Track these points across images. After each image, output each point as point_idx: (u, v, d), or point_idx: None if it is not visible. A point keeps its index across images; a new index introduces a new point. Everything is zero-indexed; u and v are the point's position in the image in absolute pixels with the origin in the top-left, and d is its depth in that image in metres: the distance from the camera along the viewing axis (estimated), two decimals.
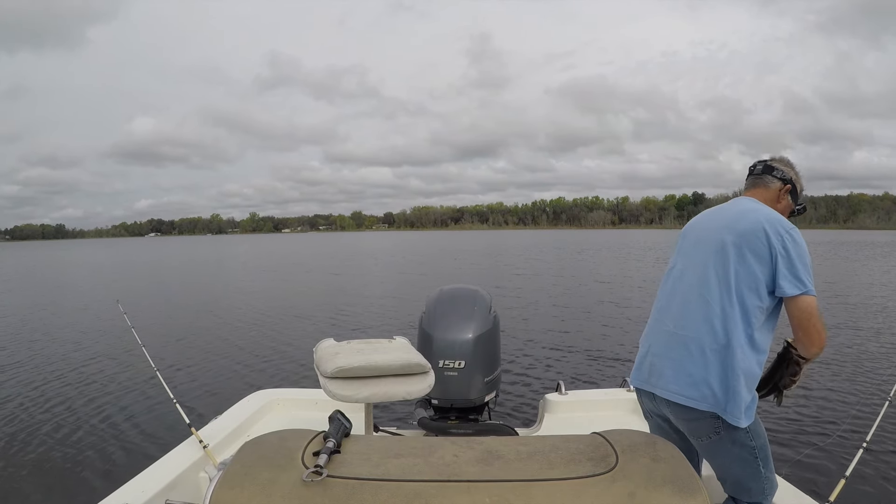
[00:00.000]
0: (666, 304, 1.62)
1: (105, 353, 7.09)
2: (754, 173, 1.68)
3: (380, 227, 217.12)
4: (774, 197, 1.63)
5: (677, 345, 1.51)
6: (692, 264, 1.57)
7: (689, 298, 1.53)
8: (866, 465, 3.16)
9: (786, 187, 1.63)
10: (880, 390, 4.83)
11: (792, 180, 1.64)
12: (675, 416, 1.52)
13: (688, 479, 0.79)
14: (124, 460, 3.70)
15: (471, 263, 24.29)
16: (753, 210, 1.53)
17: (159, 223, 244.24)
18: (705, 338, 1.45)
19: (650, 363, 1.60)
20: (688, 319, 1.50)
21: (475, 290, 2.50)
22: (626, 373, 5.33)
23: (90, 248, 67.33)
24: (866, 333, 7.51)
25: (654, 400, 1.59)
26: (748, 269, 1.43)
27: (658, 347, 1.59)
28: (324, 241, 73.32)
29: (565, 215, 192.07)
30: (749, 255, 1.44)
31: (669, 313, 1.58)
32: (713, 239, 1.53)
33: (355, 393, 1.59)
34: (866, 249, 29.43)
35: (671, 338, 1.54)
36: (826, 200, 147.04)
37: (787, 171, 1.64)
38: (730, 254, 1.47)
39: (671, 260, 1.70)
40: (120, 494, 1.63)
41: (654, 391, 1.55)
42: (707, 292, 1.48)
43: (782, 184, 1.63)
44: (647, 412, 1.68)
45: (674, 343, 1.53)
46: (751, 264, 1.43)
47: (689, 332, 1.49)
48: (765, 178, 1.65)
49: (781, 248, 1.41)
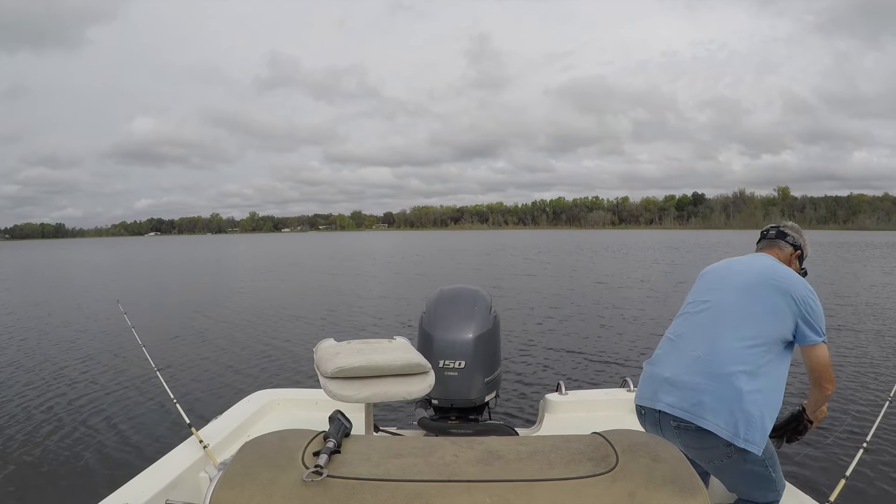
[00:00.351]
0: (687, 333, 1.69)
1: (105, 352, 7.09)
2: (768, 237, 1.87)
3: (380, 227, 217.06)
4: (787, 259, 1.81)
5: (698, 370, 1.56)
6: (718, 300, 1.67)
7: (715, 329, 1.61)
8: (866, 465, 3.17)
9: (796, 253, 1.83)
10: (880, 390, 4.84)
11: (801, 247, 1.83)
12: (685, 443, 1.53)
13: (688, 479, 0.79)
14: (124, 460, 3.70)
15: (471, 263, 24.31)
16: (779, 266, 1.69)
17: (159, 223, 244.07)
18: (729, 366, 1.51)
19: (662, 384, 1.62)
20: (713, 348, 1.58)
21: (475, 291, 2.50)
22: (626, 373, 5.34)
23: (90, 248, 67.33)
24: (866, 334, 7.52)
25: (659, 427, 1.60)
26: (773, 314, 1.57)
27: (675, 370, 1.61)
28: (324, 241, 73.33)
29: (565, 215, 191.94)
30: (775, 302, 1.57)
31: (691, 341, 1.65)
32: (740, 281, 1.67)
33: (355, 393, 1.59)
34: (866, 250, 29.45)
35: (693, 363, 1.58)
36: (826, 201, 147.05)
37: (797, 237, 1.83)
38: (757, 297, 1.60)
39: (689, 296, 1.82)
40: (120, 494, 1.62)
41: (669, 410, 1.56)
42: (733, 325, 1.58)
43: (793, 249, 1.82)
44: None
45: (695, 368, 1.57)
46: (776, 311, 1.57)
47: (714, 358, 1.55)
48: (778, 242, 1.83)
49: (804, 303, 1.57)
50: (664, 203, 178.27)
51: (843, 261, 22.22)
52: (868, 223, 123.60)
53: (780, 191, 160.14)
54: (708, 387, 1.51)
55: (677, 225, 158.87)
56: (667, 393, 1.59)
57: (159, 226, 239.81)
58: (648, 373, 1.72)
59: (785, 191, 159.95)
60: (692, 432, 1.50)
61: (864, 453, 1.86)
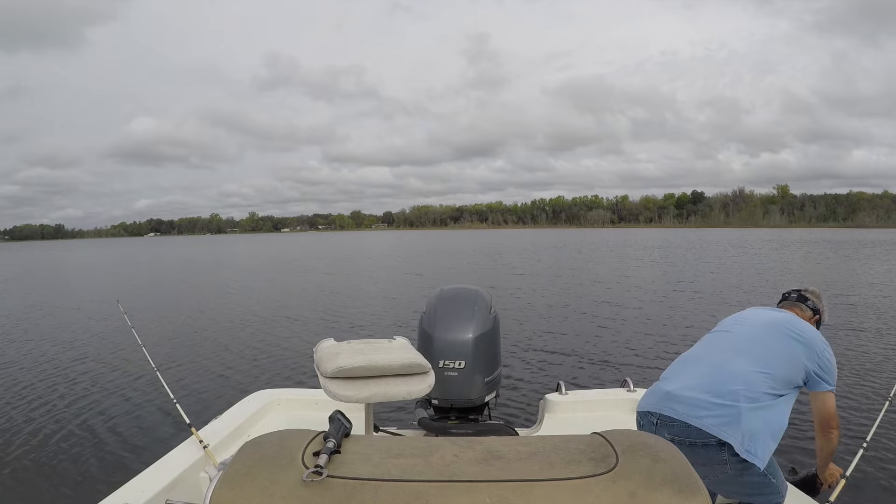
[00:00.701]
0: (699, 355, 1.75)
1: (105, 352, 7.10)
2: (789, 299, 1.94)
3: (379, 227, 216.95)
4: (807, 321, 1.86)
5: (703, 387, 1.59)
6: (737, 332, 1.75)
7: (728, 353, 1.68)
8: (866, 465, 3.16)
9: (815, 317, 1.89)
10: (880, 390, 4.84)
11: (820, 312, 1.90)
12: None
13: (688, 480, 0.79)
14: (124, 460, 3.70)
15: (470, 263, 24.30)
16: (799, 320, 1.78)
17: (158, 223, 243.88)
18: (732, 384, 1.55)
19: (664, 397, 1.64)
20: (721, 367, 1.63)
21: (475, 291, 2.50)
22: (626, 373, 5.34)
23: (89, 249, 67.36)
24: (866, 333, 7.52)
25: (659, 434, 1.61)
26: (788, 358, 1.63)
27: (679, 385, 1.64)
28: (324, 241, 73.33)
29: (564, 214, 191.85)
30: (792, 349, 1.64)
31: (702, 361, 1.70)
32: (763, 321, 1.75)
33: (355, 393, 1.59)
34: (866, 248, 29.45)
35: (699, 380, 1.62)
36: (825, 199, 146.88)
37: (817, 303, 1.90)
38: (775, 339, 1.67)
39: (712, 331, 1.89)
40: (120, 494, 1.63)
41: (674, 415, 1.57)
42: (746, 353, 1.64)
43: (812, 314, 1.88)
44: None
45: (699, 384, 1.60)
46: (791, 356, 1.63)
47: (720, 377, 1.59)
48: (799, 305, 1.89)
49: (821, 356, 1.65)
50: (663, 202, 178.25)
51: (843, 259, 22.22)
52: (868, 221, 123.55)
53: (780, 189, 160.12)
54: (710, 402, 1.53)
55: (677, 223, 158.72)
56: (669, 403, 1.61)
57: (159, 226, 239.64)
58: (654, 388, 1.74)
59: (784, 189, 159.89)
60: (685, 448, 1.50)
61: (864, 453, 1.86)
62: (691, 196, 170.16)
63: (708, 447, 1.47)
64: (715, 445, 1.47)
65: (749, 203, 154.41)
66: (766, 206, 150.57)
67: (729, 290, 12.73)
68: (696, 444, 1.48)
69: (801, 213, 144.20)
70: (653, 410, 1.63)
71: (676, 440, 1.51)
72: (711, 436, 1.47)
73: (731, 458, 1.46)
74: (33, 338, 8.39)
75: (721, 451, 1.46)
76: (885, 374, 5.39)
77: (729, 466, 1.47)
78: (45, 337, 8.44)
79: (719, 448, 1.46)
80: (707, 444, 1.47)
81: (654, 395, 1.69)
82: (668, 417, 1.56)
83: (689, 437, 1.50)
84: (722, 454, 1.46)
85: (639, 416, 1.72)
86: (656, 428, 1.60)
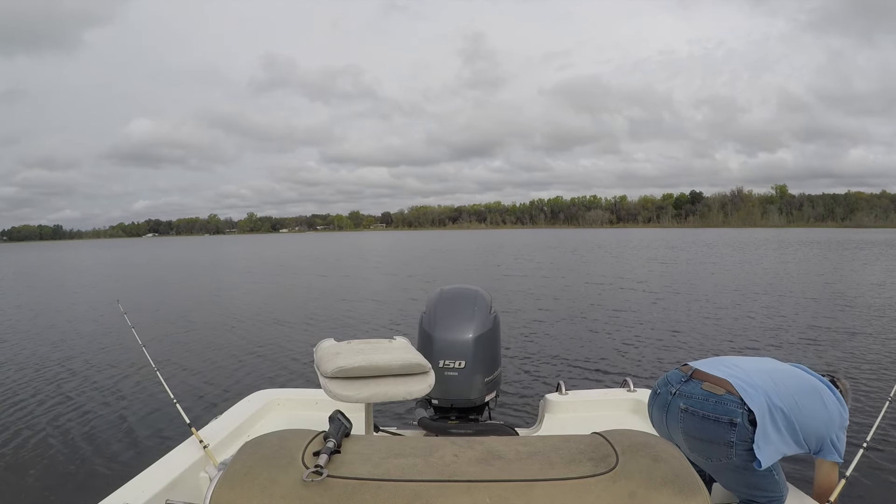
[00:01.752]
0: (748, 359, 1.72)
1: (105, 353, 7.10)
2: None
3: (378, 227, 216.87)
4: None
5: (756, 368, 1.58)
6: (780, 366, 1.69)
7: (761, 363, 1.65)
8: (866, 464, 3.16)
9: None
10: (880, 390, 4.84)
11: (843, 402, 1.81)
12: (686, 431, 1.52)
13: (688, 479, 0.79)
14: (124, 460, 3.70)
15: (470, 263, 24.30)
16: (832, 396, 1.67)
17: (157, 224, 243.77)
18: (761, 378, 1.53)
19: (712, 360, 1.65)
20: (752, 366, 1.61)
21: (475, 291, 2.50)
22: (626, 373, 5.32)
23: (88, 250, 67.31)
24: (866, 333, 7.51)
25: (665, 411, 1.59)
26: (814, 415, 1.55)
27: (730, 359, 1.64)
28: (323, 242, 73.32)
29: (563, 214, 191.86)
30: (820, 411, 1.56)
31: (752, 360, 1.68)
32: (804, 374, 1.67)
33: (355, 393, 1.59)
34: (866, 249, 29.44)
35: (751, 365, 1.61)
36: (824, 199, 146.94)
37: (845, 395, 1.77)
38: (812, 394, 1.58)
39: None
40: (120, 494, 1.62)
41: (700, 367, 1.57)
42: (779, 374, 1.59)
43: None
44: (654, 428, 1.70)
45: (752, 367, 1.59)
46: (817, 415, 1.56)
47: (751, 369, 1.57)
48: None
49: (842, 430, 1.60)
50: (662, 201, 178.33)
51: (843, 259, 22.22)
52: (866, 220, 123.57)
53: (778, 189, 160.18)
54: (740, 372, 1.53)
55: (675, 223, 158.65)
56: (707, 364, 1.62)
57: (157, 227, 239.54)
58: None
59: (783, 189, 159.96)
60: (697, 420, 1.48)
61: (864, 453, 1.86)
62: (690, 196, 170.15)
63: (719, 423, 1.44)
64: (726, 424, 1.43)
65: (747, 203, 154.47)
66: (765, 206, 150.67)
67: (728, 292, 12.73)
68: (709, 419, 1.46)
69: (800, 212, 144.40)
70: (690, 363, 1.63)
71: (690, 410, 1.50)
72: (726, 412, 1.44)
73: (738, 443, 1.43)
74: (33, 338, 8.39)
75: (731, 432, 1.43)
76: (885, 374, 5.39)
77: (734, 452, 1.44)
78: (45, 337, 8.44)
79: (730, 428, 1.43)
80: (719, 420, 1.44)
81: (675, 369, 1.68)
82: (678, 397, 1.54)
83: (704, 410, 1.47)
84: (731, 435, 1.43)
85: (653, 391, 1.69)
86: (669, 403, 1.57)
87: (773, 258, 23.43)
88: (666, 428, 1.59)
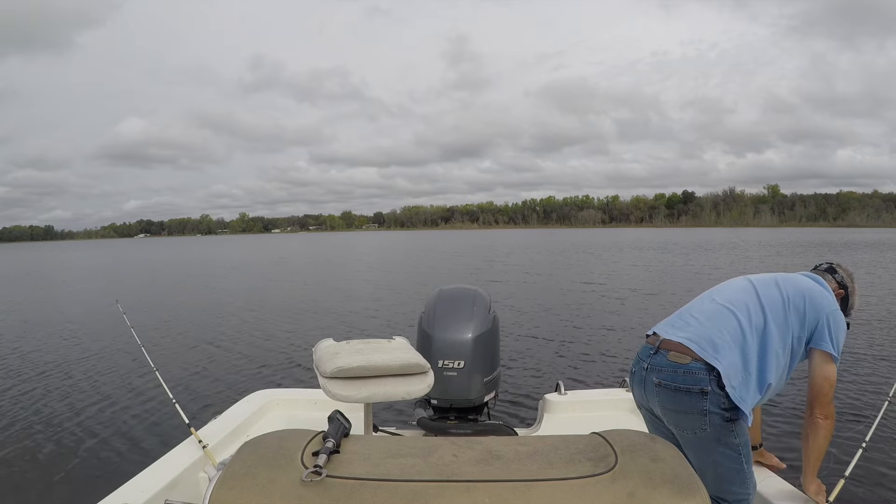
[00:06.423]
0: (711, 290, 1.75)
1: (104, 353, 7.09)
2: (819, 269, 1.85)
3: (370, 228, 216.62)
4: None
5: (713, 312, 1.59)
6: (749, 278, 1.72)
7: (733, 287, 1.69)
8: (866, 464, 3.16)
9: (840, 291, 1.75)
10: (880, 390, 4.84)
11: (847, 288, 1.77)
12: (663, 403, 1.52)
13: (687, 479, 0.79)
14: (124, 460, 3.69)
15: (468, 263, 24.29)
16: (818, 286, 1.67)
17: (149, 224, 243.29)
18: (744, 317, 1.54)
19: (672, 319, 1.67)
20: (733, 297, 1.63)
21: (475, 291, 2.50)
22: (625, 373, 5.31)
23: (81, 250, 67.14)
24: (866, 333, 7.52)
25: (643, 386, 1.59)
26: (794, 309, 1.58)
27: (689, 310, 1.67)
28: (316, 242, 73.27)
29: (555, 214, 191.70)
30: (799, 304, 1.58)
31: (714, 293, 1.70)
32: (776, 275, 1.70)
33: (355, 393, 1.59)
34: (862, 249, 29.41)
35: (710, 307, 1.63)
36: (815, 199, 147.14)
37: (846, 278, 1.79)
38: (785, 288, 1.61)
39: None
40: (120, 494, 1.63)
41: (666, 335, 1.58)
42: (752, 290, 1.62)
43: (838, 286, 1.76)
44: (638, 403, 1.69)
45: (710, 311, 1.61)
46: (797, 309, 1.58)
47: (731, 305, 1.59)
48: (827, 276, 1.79)
49: (833, 317, 1.57)
50: (654, 202, 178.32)
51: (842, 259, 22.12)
52: (858, 220, 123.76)
53: (771, 188, 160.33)
54: (708, 325, 1.54)
55: (668, 223, 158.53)
56: (669, 324, 1.64)
57: (149, 227, 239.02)
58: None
59: (775, 188, 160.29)
60: (670, 393, 1.49)
61: (864, 453, 1.85)
62: (682, 196, 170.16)
63: (691, 394, 1.45)
64: (697, 394, 1.44)
65: (740, 203, 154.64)
66: (757, 206, 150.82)
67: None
68: (681, 390, 1.46)
69: (792, 212, 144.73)
70: (654, 330, 1.65)
71: (663, 384, 1.50)
72: (696, 381, 1.44)
73: (711, 410, 1.43)
74: (31, 338, 8.38)
75: (703, 400, 1.43)
76: (884, 374, 5.39)
77: (708, 421, 1.43)
78: (44, 337, 8.43)
79: (702, 397, 1.43)
80: (690, 390, 1.45)
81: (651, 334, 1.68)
82: (652, 371, 1.55)
83: (675, 382, 1.48)
84: (703, 402, 1.43)
85: (630, 379, 1.70)
86: (645, 393, 1.58)
87: (772, 258, 23.44)
88: (647, 404, 1.61)
